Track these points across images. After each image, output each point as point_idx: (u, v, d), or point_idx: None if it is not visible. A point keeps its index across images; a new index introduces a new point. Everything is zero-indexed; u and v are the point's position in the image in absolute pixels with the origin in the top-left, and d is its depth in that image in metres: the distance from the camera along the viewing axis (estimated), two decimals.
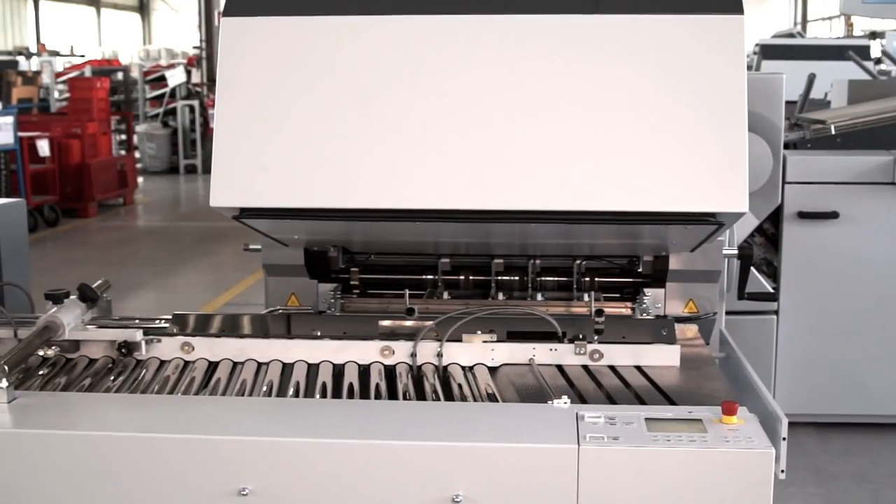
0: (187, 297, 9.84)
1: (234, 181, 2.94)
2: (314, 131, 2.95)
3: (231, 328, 3.45)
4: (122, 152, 18.75)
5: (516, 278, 3.73)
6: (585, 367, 3.12)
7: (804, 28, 33.02)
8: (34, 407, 2.69)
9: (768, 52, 12.02)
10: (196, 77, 23.85)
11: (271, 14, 3.02)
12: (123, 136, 19.76)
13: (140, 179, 19.44)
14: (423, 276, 3.75)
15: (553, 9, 2.89)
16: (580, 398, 2.86)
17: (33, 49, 32.30)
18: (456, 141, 2.92)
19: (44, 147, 15.03)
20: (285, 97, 2.97)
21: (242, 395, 2.95)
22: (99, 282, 3.44)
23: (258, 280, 9.98)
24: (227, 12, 3.02)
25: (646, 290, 3.65)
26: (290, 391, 2.95)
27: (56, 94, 23.07)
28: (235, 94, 2.97)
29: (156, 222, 16.09)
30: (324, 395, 2.93)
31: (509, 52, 2.90)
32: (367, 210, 2.95)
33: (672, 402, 2.80)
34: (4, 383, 2.68)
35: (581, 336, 3.16)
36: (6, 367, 2.71)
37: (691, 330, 3.43)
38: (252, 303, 9.08)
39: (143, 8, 45.66)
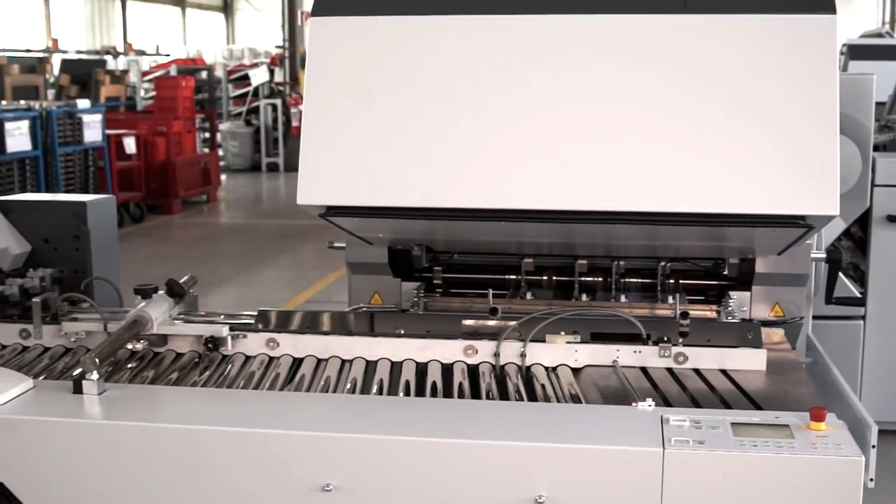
0: (268, 293, 9.93)
1: (321, 179, 2.96)
2: (400, 130, 2.96)
3: (315, 325, 3.47)
4: (206, 150, 18.98)
5: (600, 279, 3.71)
6: (670, 370, 3.09)
7: (893, 28, 32.40)
8: (123, 399, 2.74)
9: (856, 52, 11.78)
10: (279, 76, 24.08)
11: (359, 14, 3.04)
12: (207, 135, 20.00)
13: (223, 177, 19.68)
14: (506, 276, 3.74)
15: (642, 8, 2.87)
16: (664, 401, 2.83)
17: (120, 48, 32.86)
18: (542, 141, 2.92)
19: (130, 144, 15.28)
20: (371, 96, 2.99)
21: (326, 391, 2.97)
22: (186, 277, 3.49)
23: (338, 278, 10.06)
24: (316, 12, 3.05)
25: (731, 292, 3.61)
26: (374, 389, 2.97)
27: (142, 93, 23.45)
28: (323, 92, 3.00)
29: (238, 219, 16.27)
30: (407, 394, 2.94)
31: (596, 52, 2.89)
32: (452, 209, 2.96)
33: (758, 407, 2.76)
34: (95, 375, 2.73)
35: (665, 338, 3.13)
36: (97, 360, 2.76)
37: (777, 334, 3.38)
38: (333, 300, 9.14)
39: (226, 8, 46.18)
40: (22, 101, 14.76)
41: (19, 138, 12.69)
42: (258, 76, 24.24)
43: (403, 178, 2.94)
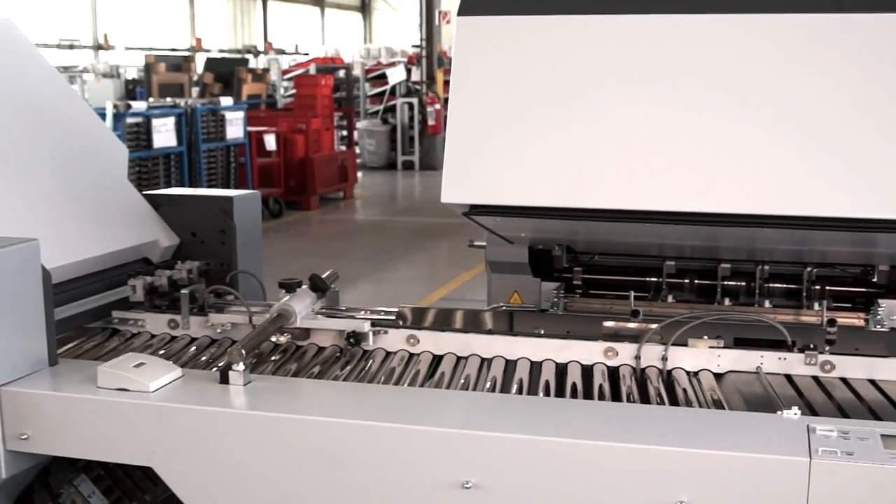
0: (403, 290, 10.02)
1: (465, 178, 2.98)
2: (545, 130, 2.96)
3: (455, 323, 3.49)
4: (343, 148, 19.27)
5: (743, 284, 3.64)
6: (816, 378, 3.02)
7: None
8: (267, 390, 2.80)
9: None
10: (415, 75, 24.28)
11: (505, 13, 3.04)
12: (344, 132, 20.30)
13: (359, 174, 19.92)
14: (647, 278, 3.70)
15: (797, 7, 2.81)
16: (810, 410, 2.76)
17: (261, 47, 33.56)
18: (687, 142, 2.88)
19: (270, 141, 15.60)
20: (517, 96, 2.99)
21: (466, 389, 2.98)
22: (328, 272, 3.54)
23: (472, 277, 10.09)
24: (463, 11, 3.06)
25: (881, 300, 3.50)
26: (514, 388, 2.97)
27: (281, 91, 23.91)
28: (469, 92, 3.01)
29: (373, 217, 16.46)
30: (547, 394, 2.93)
31: (748, 52, 2.84)
32: (594, 210, 2.94)
33: None
34: (241, 367, 2.79)
35: (812, 346, 3.06)
36: (243, 352, 2.82)
37: None
38: (467, 298, 9.17)
39: (364, 7, 46.79)
40: (168, 99, 15.19)
41: (165, 134, 13.08)
42: (395, 75, 24.48)
43: (547, 177, 2.94)
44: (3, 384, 2.78)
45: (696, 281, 3.66)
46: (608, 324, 3.30)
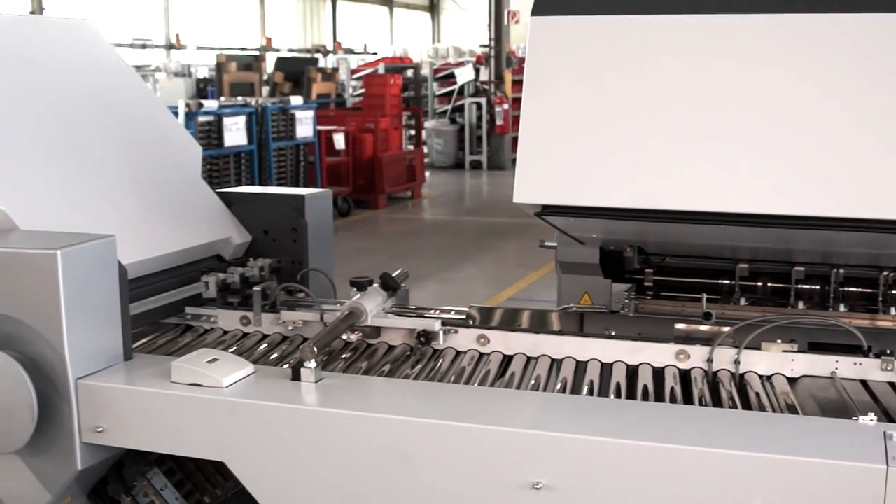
0: (470, 290, 10.02)
1: (538, 178, 2.97)
2: (617, 131, 2.94)
3: (525, 323, 3.48)
4: (411, 147, 19.32)
5: (817, 287, 3.59)
6: (892, 385, 2.97)
7: None
8: (338, 388, 2.81)
9: None
10: (484, 75, 24.27)
11: (579, 13, 3.03)
12: (413, 132, 20.35)
13: (427, 174, 19.96)
14: (719, 281, 3.66)
15: (879, 7, 2.77)
16: (887, 416, 2.72)
17: (330, 47, 33.77)
18: (760, 143, 2.85)
19: (339, 140, 15.69)
20: (590, 96, 2.98)
21: (537, 390, 2.98)
22: (398, 271, 3.55)
23: (540, 277, 10.07)
24: (536, 11, 3.06)
25: None
26: (585, 389, 2.96)
27: (350, 90, 24.03)
28: (541, 91, 3.00)
29: (441, 216, 16.49)
30: (618, 396, 2.92)
31: (828, 52, 2.80)
32: (667, 211, 2.92)
33: None
34: (313, 364, 2.81)
35: (888, 351, 3.01)
36: (315, 349, 2.84)
37: None
38: (535, 299, 9.15)
39: (433, 7, 46.88)
40: (239, 98, 15.34)
41: (236, 133, 13.21)
42: (463, 75, 24.51)
43: (619, 178, 2.93)
44: (79, 378, 2.83)
45: (769, 284, 3.61)
46: (680, 326, 3.27)
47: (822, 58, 2.83)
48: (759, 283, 3.61)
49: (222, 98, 16.32)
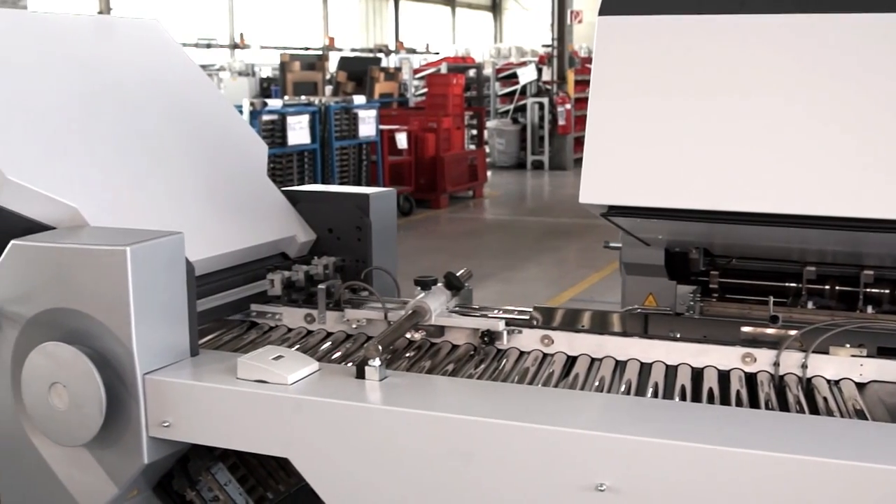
0: (532, 290, 10.00)
1: (604, 179, 2.96)
2: (685, 131, 2.92)
3: (589, 324, 3.47)
4: (473, 147, 19.32)
5: (887, 291, 3.53)
6: None
7: None
8: (402, 386, 2.82)
9: None
10: (546, 75, 24.22)
11: (647, 13, 3.01)
12: (475, 132, 20.35)
13: (488, 173, 19.95)
14: (786, 284, 3.62)
15: None
16: None
17: (392, 47, 33.89)
18: (832, 144, 2.81)
19: (402, 140, 15.74)
20: (657, 96, 2.96)
21: (601, 391, 2.96)
22: (462, 271, 3.56)
23: (602, 278, 10.03)
24: (604, 11, 3.04)
25: None
26: (649, 391, 2.94)
27: (412, 90, 24.09)
28: (608, 91, 2.99)
29: (502, 216, 16.48)
30: (683, 398, 2.89)
31: (878, 53, 2.76)
32: (735, 213, 2.89)
33: None
34: (377, 362, 2.82)
35: None
36: (379, 347, 2.85)
37: None
38: (596, 300, 9.12)
39: (495, 7, 46.86)
40: (302, 97, 15.44)
41: (300, 132, 13.30)
42: (526, 75, 24.48)
43: (687, 179, 2.90)
44: (147, 373, 2.87)
45: (837, 287, 3.56)
46: (746, 329, 3.24)
47: (890, 58, 2.79)
48: (827, 287, 3.56)
49: (286, 97, 16.42)
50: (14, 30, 3.62)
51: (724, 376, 3.04)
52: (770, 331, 3.20)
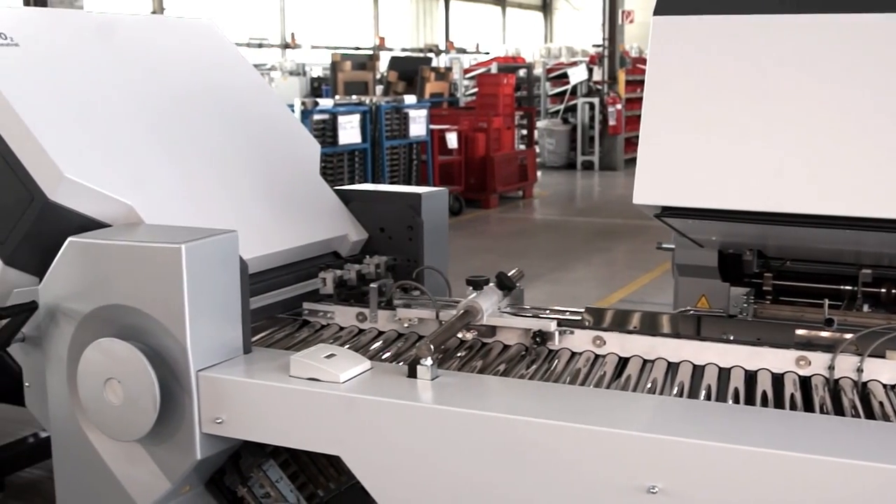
0: (581, 291, 9.95)
1: (658, 179, 2.94)
2: (740, 132, 2.90)
3: (642, 325, 3.45)
4: (523, 147, 19.28)
5: None
6: None
7: None
8: (454, 386, 2.83)
9: None
10: (597, 75, 24.10)
11: (702, 13, 2.99)
12: (525, 132, 20.30)
13: (538, 174, 19.90)
14: (841, 287, 3.58)
15: None
16: None
17: (442, 46, 33.90)
18: (888, 145, 2.78)
19: (452, 140, 15.72)
20: (713, 97, 2.94)
21: (653, 393, 2.95)
22: (514, 271, 3.55)
23: (652, 280, 9.97)
24: (659, 11, 3.03)
25: None
26: (702, 393, 2.92)
27: (463, 90, 24.08)
28: (663, 92, 2.98)
29: (552, 216, 16.42)
30: (736, 401, 2.87)
31: None
32: (790, 214, 2.87)
33: None
34: (429, 361, 2.83)
35: None
36: (432, 347, 2.86)
37: None
38: (646, 302, 9.06)
39: (545, 7, 46.71)
40: (353, 97, 15.48)
41: (350, 131, 13.33)
42: (577, 75, 24.36)
43: (742, 180, 2.88)
44: (200, 369, 2.89)
45: (893, 290, 3.52)
46: (800, 332, 3.20)
47: None
48: (883, 290, 3.52)
49: (337, 97, 16.47)
50: (72, 29, 3.67)
51: (777, 379, 3.01)
52: (825, 334, 3.17)
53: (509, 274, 3.49)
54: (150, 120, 3.60)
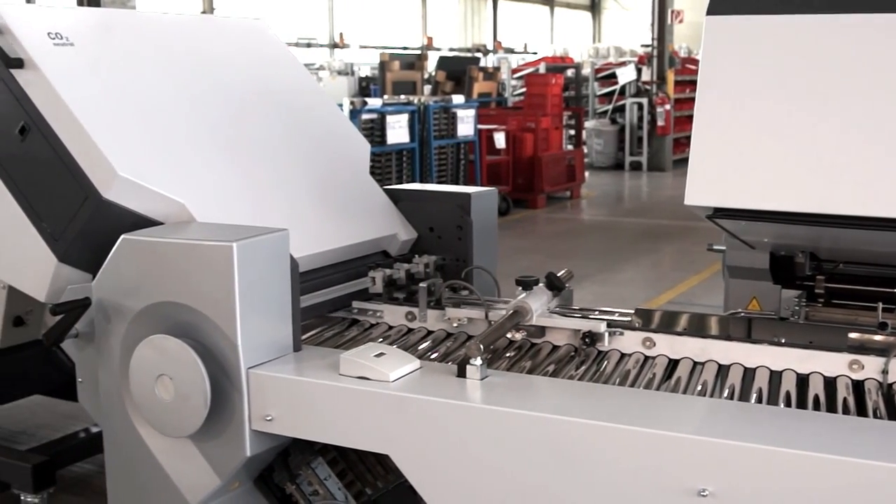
0: (628, 292, 9.91)
1: (710, 180, 2.93)
2: (794, 133, 2.88)
3: (692, 327, 3.43)
4: (571, 147, 19.22)
5: None
6: None
7: None
8: (503, 386, 2.83)
9: None
10: (645, 75, 23.99)
11: (755, 13, 2.97)
12: (573, 132, 20.25)
13: (586, 174, 19.84)
14: (895, 290, 3.53)
15: None
16: None
17: (490, 46, 33.88)
18: None
19: (500, 139, 15.70)
20: (766, 97, 2.92)
21: (703, 395, 2.93)
22: (563, 271, 3.54)
23: (700, 281, 9.91)
24: (712, 10, 3.01)
25: None
26: (753, 396, 2.89)
27: (511, 90, 24.07)
28: (716, 92, 2.96)
29: (599, 217, 16.36)
30: (788, 404, 2.84)
31: None
32: (843, 216, 2.84)
33: None
34: (479, 361, 2.83)
35: None
36: (481, 347, 2.86)
37: None
38: (694, 303, 9.01)
39: (594, 7, 46.56)
40: (401, 96, 15.51)
41: (399, 131, 13.36)
42: (625, 75, 24.26)
43: (795, 181, 2.85)
44: (251, 367, 2.91)
45: None
46: (853, 335, 3.17)
47: None
48: None
49: (385, 96, 16.50)
50: (125, 29, 3.70)
51: (830, 383, 2.98)
52: (878, 337, 3.13)
53: (559, 274, 3.48)
54: (202, 119, 3.63)
